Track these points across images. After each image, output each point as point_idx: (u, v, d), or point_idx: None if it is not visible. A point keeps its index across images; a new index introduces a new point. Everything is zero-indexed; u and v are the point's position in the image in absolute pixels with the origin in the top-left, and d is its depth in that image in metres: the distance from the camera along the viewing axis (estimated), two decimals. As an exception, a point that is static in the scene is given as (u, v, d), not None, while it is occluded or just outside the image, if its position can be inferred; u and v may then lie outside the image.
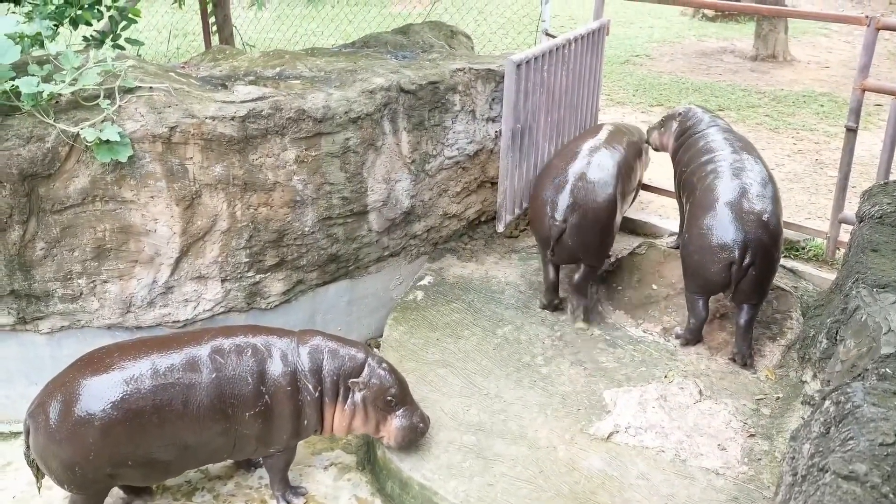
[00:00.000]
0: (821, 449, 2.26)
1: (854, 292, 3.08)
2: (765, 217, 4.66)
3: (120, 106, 4.36)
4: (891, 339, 2.71)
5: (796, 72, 11.61)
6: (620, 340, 5.18)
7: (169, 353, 3.86)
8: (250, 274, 4.84)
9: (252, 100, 4.63)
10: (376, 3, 13.39)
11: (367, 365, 4.17)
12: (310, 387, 4.06)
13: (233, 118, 4.51)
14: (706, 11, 14.95)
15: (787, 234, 5.87)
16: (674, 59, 12.35)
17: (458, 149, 5.67)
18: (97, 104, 4.32)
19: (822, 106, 9.82)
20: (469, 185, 5.88)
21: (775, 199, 4.84)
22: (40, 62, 4.53)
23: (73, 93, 4.37)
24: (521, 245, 6.18)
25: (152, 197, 4.46)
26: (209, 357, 3.89)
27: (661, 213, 6.64)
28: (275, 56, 5.59)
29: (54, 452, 3.72)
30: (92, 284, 4.56)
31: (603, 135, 5.58)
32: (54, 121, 4.25)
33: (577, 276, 5.27)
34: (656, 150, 6.09)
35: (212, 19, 7.89)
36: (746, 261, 4.61)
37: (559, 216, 5.00)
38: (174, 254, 4.60)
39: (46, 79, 4.33)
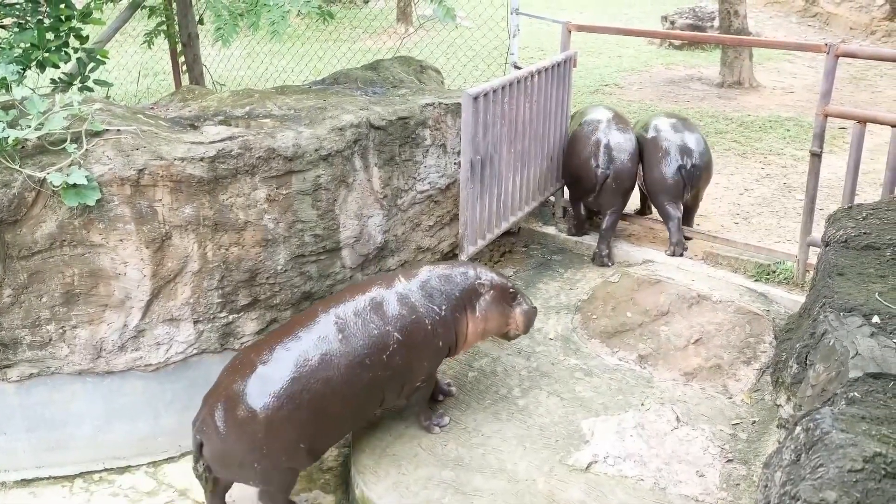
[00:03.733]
0: (792, 477, 2.27)
1: (822, 317, 3.11)
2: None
3: (87, 149, 4.34)
4: (858, 363, 2.73)
5: (762, 97, 11.80)
6: (596, 369, 5.19)
7: (298, 335, 4.14)
8: (223, 314, 4.80)
9: (221, 140, 4.63)
10: (346, 38, 13.48)
11: (479, 271, 4.64)
12: (435, 309, 4.42)
13: (202, 159, 4.51)
14: (673, 40, 15.19)
15: (758, 257, 5.95)
16: (643, 87, 12.52)
17: (429, 183, 5.70)
18: (64, 148, 4.30)
19: (788, 130, 9.97)
20: (442, 219, 5.90)
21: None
22: (6, 107, 4.51)
23: (39, 137, 4.35)
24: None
25: (121, 240, 4.43)
26: (336, 327, 4.17)
27: (634, 242, 6.68)
28: (244, 95, 5.61)
29: (232, 455, 4.00)
30: (61, 330, 4.51)
31: (610, 112, 6.59)
32: (20, 166, 4.22)
33: (606, 224, 6.31)
34: None
35: (181, 59, 7.90)
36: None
37: (604, 165, 6.12)
38: (145, 296, 4.56)
39: (12, 124, 4.30)
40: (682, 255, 6.21)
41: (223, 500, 4.31)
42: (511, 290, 4.66)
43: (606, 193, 6.24)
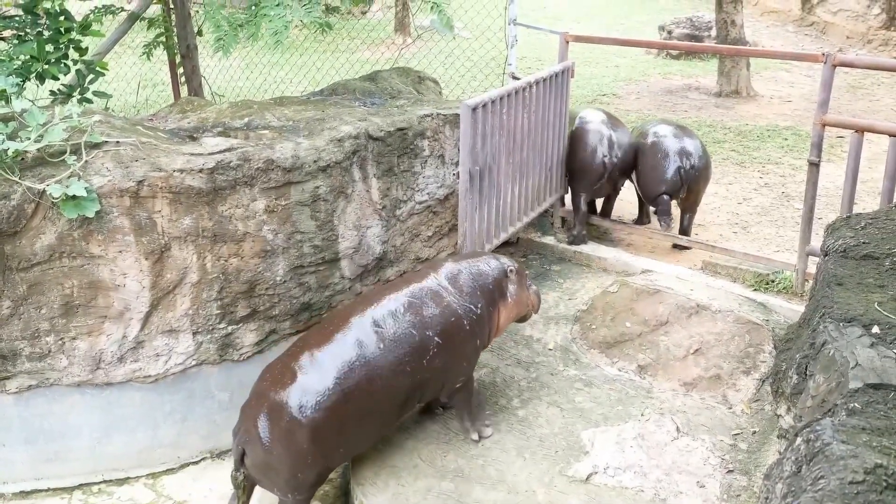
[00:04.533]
0: (793, 488, 2.27)
1: (821, 327, 3.11)
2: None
3: (86, 161, 4.35)
4: (858, 374, 2.73)
5: (760, 107, 11.82)
6: (596, 380, 5.18)
7: (338, 342, 4.13)
8: (222, 325, 4.80)
9: (220, 151, 4.64)
10: (345, 49, 13.52)
11: (499, 259, 4.76)
12: (471, 308, 4.48)
13: (201, 170, 4.51)
14: (670, 50, 15.24)
15: (757, 267, 5.95)
16: (640, 97, 12.55)
17: (428, 193, 5.70)
18: (63, 160, 4.31)
19: (786, 139, 9.99)
20: (440, 229, 5.90)
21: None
22: (5, 119, 4.51)
23: (38, 149, 4.35)
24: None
25: (121, 251, 4.43)
26: (375, 332, 4.17)
27: (633, 251, 6.69)
28: (243, 106, 5.62)
29: (277, 466, 4.00)
30: (60, 342, 4.50)
31: (604, 114, 6.95)
32: (20, 178, 4.22)
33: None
34: None
35: (180, 70, 7.92)
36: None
37: (612, 153, 6.56)
38: (144, 308, 4.56)
39: (12, 136, 4.31)
40: (667, 225, 6.60)
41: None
42: (526, 273, 4.89)
43: (611, 182, 6.77)
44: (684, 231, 6.77)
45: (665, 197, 6.53)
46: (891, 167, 5.04)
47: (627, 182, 7.07)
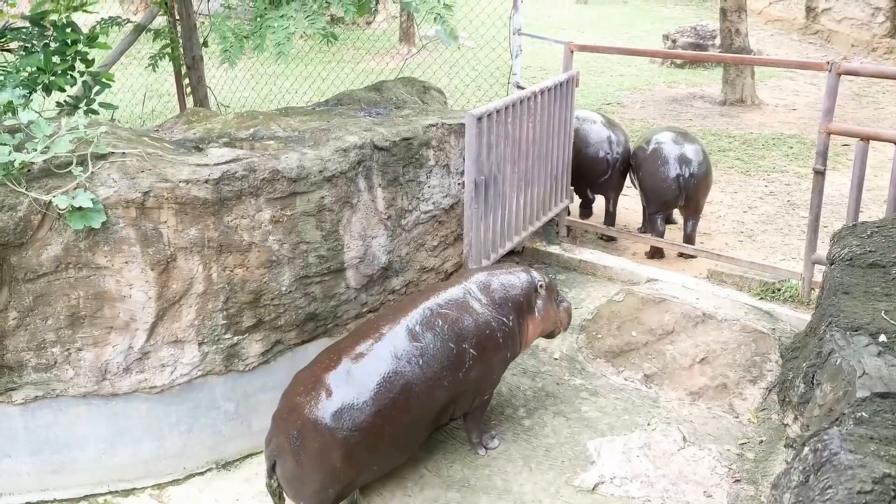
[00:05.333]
0: (801, 498, 2.26)
1: (828, 336, 3.10)
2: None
3: (93, 172, 4.36)
4: (866, 383, 2.72)
5: (764, 115, 11.82)
6: (602, 389, 5.17)
7: (373, 354, 4.10)
8: (227, 336, 4.80)
9: (226, 162, 4.65)
10: (350, 59, 13.55)
11: (529, 273, 4.76)
12: (504, 320, 4.48)
13: (207, 181, 4.52)
14: (675, 59, 15.26)
15: (763, 275, 5.94)
16: (645, 105, 12.56)
17: (433, 203, 5.71)
18: (70, 171, 4.32)
19: (791, 148, 9.98)
20: (446, 239, 5.90)
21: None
22: (12, 131, 4.53)
23: (45, 161, 4.37)
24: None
25: (126, 262, 4.43)
26: (412, 346, 4.15)
27: (638, 260, 6.68)
28: (248, 117, 5.63)
29: (306, 480, 3.98)
30: (66, 353, 4.51)
31: (598, 114, 7.33)
32: (26, 189, 4.23)
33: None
34: None
35: (186, 81, 7.95)
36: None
37: (613, 152, 6.99)
38: (150, 319, 4.56)
39: (18, 147, 4.32)
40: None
41: None
42: (557, 289, 4.90)
43: (614, 177, 7.13)
44: (688, 238, 6.77)
45: (659, 217, 6.78)
46: (897, 175, 5.03)
47: (633, 192, 7.12)
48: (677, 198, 6.60)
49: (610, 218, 7.40)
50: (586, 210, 7.60)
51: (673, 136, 6.89)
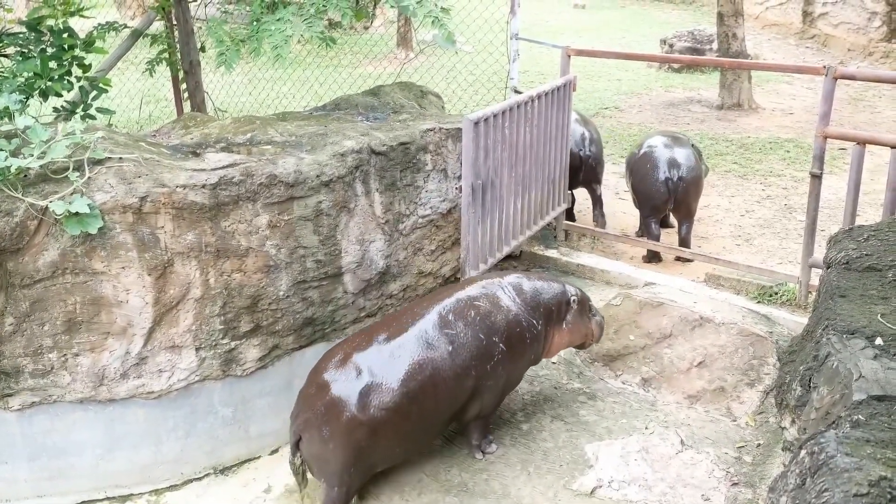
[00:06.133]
0: (798, 501, 2.25)
1: (824, 339, 3.10)
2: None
3: (89, 177, 4.36)
4: (862, 386, 2.72)
5: (761, 119, 11.84)
6: (600, 393, 5.17)
7: (405, 338, 4.19)
8: (225, 341, 4.79)
9: (223, 167, 4.65)
10: (347, 64, 13.57)
11: (564, 285, 4.84)
12: (533, 322, 4.57)
13: (204, 186, 4.52)
14: (672, 63, 15.28)
15: (760, 279, 5.94)
16: (642, 110, 12.57)
17: (431, 207, 5.71)
18: (66, 177, 4.32)
19: (788, 152, 10.00)
20: (443, 243, 5.90)
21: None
22: (8, 136, 4.52)
23: (41, 166, 4.36)
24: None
25: (123, 267, 4.43)
26: (443, 334, 4.23)
27: (636, 264, 6.68)
28: (246, 122, 5.63)
29: (331, 459, 4.02)
30: (63, 358, 4.50)
31: (575, 113, 7.26)
32: (23, 195, 4.23)
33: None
34: None
35: (183, 86, 7.95)
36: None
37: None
38: (147, 324, 4.56)
39: (15, 153, 4.32)
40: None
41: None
42: (590, 303, 4.96)
43: (588, 172, 7.39)
44: (683, 241, 6.79)
45: (652, 221, 6.86)
46: (893, 179, 5.04)
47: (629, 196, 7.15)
48: (667, 201, 6.70)
49: (598, 204, 7.68)
50: (568, 211, 7.65)
51: (664, 140, 6.99)
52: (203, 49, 7.66)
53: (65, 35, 5.73)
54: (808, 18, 17.07)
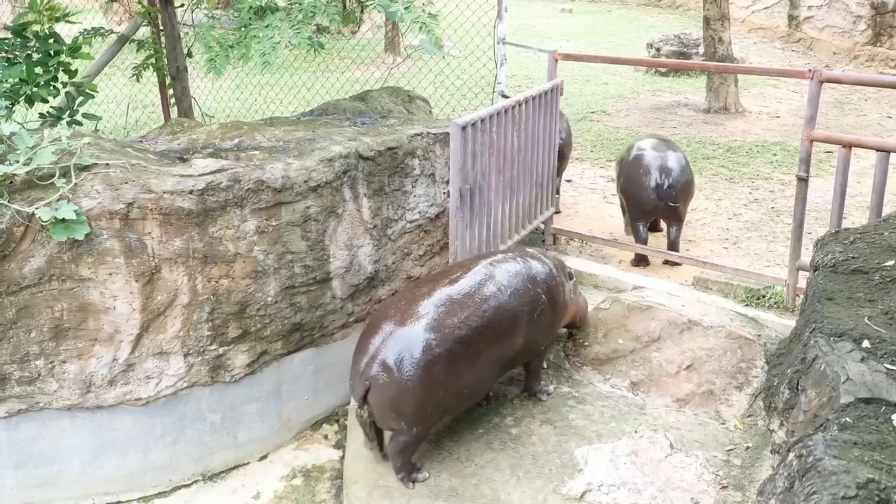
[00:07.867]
0: (786, 504, 2.26)
1: (812, 342, 3.12)
2: None
3: (76, 184, 4.34)
4: (850, 388, 2.73)
5: (748, 122, 11.90)
6: (589, 396, 5.17)
7: (462, 282, 4.44)
8: (213, 347, 4.78)
9: (210, 172, 4.64)
10: (335, 69, 13.55)
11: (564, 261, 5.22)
12: (563, 281, 4.97)
13: (191, 191, 4.51)
14: (659, 67, 15.35)
15: (748, 282, 5.97)
16: (629, 114, 12.61)
17: (419, 212, 5.71)
18: (53, 183, 4.30)
19: (774, 155, 10.05)
20: (432, 248, 5.90)
21: None
22: (-6, 143, 4.51)
23: (27, 172, 4.34)
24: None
25: (111, 274, 4.41)
26: (493, 278, 4.51)
27: (624, 268, 6.70)
28: (233, 127, 5.62)
29: (408, 398, 4.11)
30: (50, 365, 4.47)
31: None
32: (8, 201, 4.21)
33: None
34: None
35: (170, 91, 7.92)
36: None
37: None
38: (134, 330, 4.54)
39: (0, 159, 4.30)
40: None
41: (382, 443, 4.50)
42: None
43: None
44: (672, 245, 6.81)
45: (641, 225, 6.87)
46: (878, 182, 5.07)
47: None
48: (657, 206, 6.70)
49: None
50: None
51: (654, 144, 6.99)
52: (190, 55, 7.64)
53: (51, 41, 5.71)
54: (794, 22, 17.19)
